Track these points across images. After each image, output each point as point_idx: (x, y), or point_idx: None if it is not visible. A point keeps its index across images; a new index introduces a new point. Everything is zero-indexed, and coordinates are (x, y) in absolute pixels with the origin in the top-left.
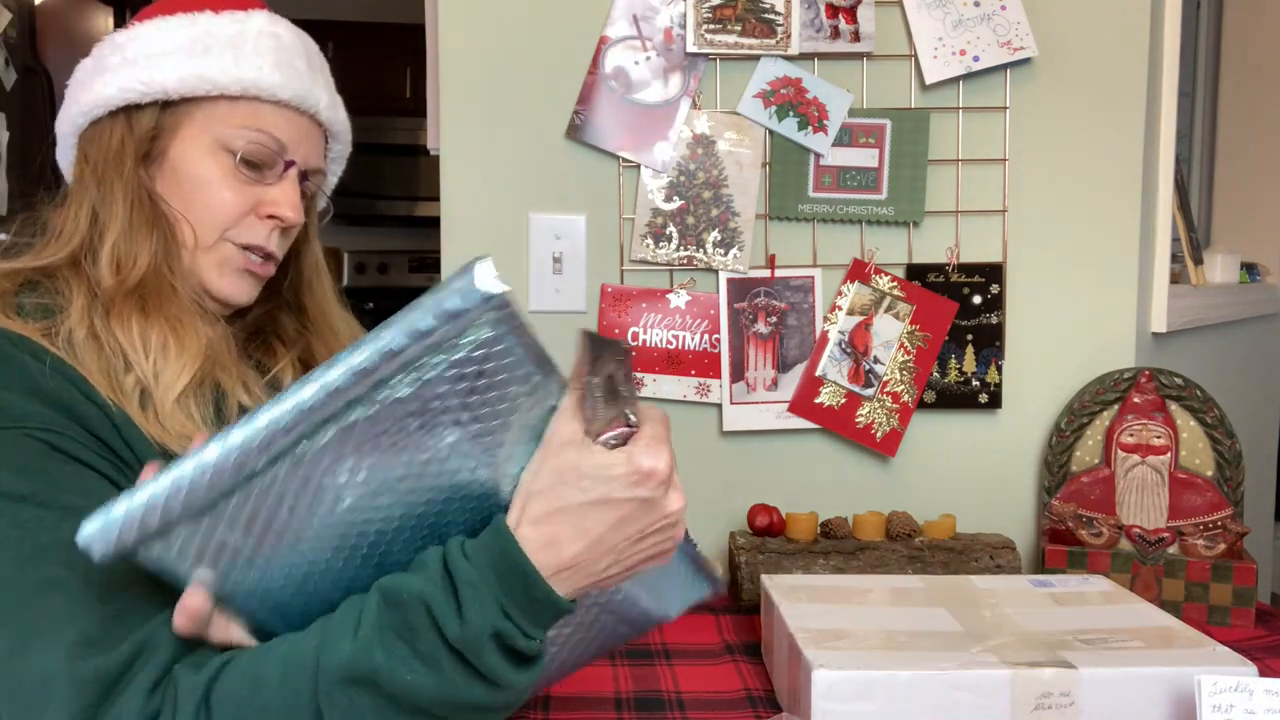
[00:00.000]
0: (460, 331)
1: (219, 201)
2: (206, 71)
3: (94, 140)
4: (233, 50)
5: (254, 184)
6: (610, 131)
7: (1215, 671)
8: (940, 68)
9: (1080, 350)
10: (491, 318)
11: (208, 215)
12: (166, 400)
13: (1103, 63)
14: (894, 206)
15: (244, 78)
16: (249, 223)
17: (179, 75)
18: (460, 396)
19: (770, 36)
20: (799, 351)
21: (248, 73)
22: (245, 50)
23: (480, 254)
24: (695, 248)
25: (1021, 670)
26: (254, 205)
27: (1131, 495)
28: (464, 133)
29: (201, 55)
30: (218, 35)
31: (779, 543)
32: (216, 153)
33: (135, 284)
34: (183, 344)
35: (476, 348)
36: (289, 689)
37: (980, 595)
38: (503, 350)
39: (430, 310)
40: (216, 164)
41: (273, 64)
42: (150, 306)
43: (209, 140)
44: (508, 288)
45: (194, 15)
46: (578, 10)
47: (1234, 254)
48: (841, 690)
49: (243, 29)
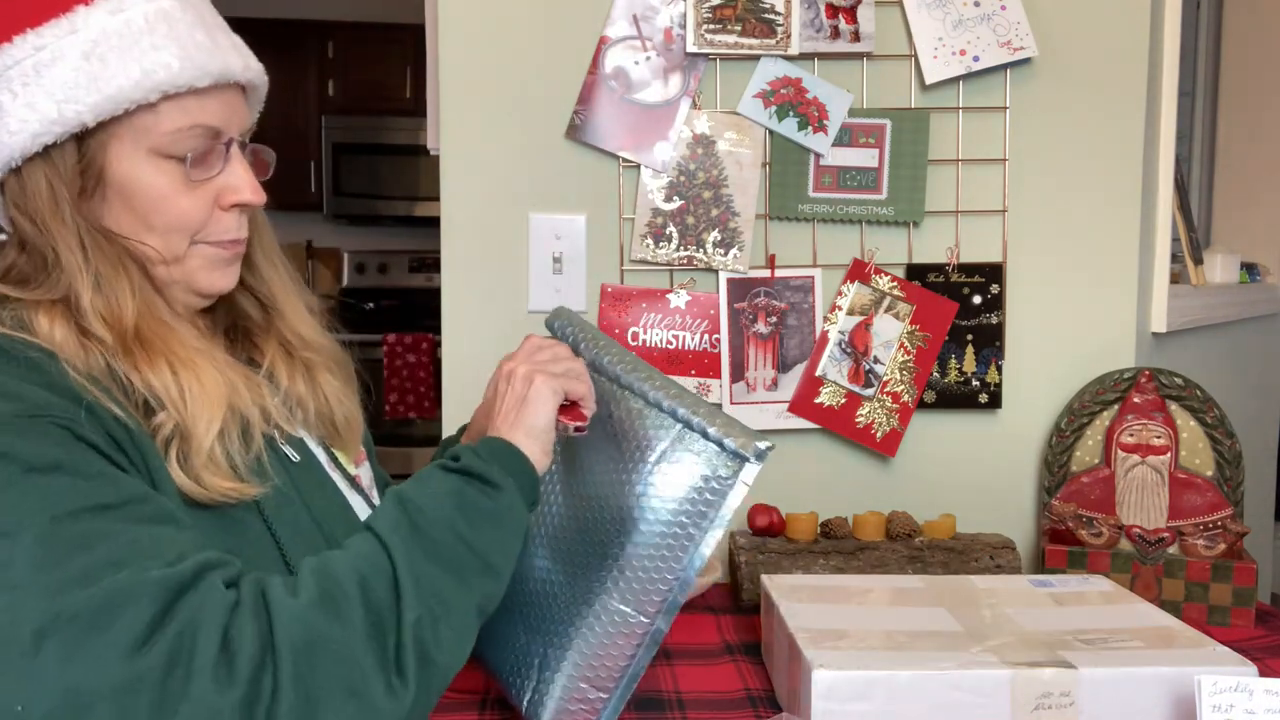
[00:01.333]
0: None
1: (179, 212)
2: (115, 90)
3: (18, 194)
4: (131, 52)
5: (205, 180)
6: (610, 131)
7: (1215, 671)
8: (940, 68)
9: (1080, 350)
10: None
11: (173, 229)
12: (200, 455)
13: (1103, 63)
14: (894, 206)
15: (157, 82)
16: (215, 218)
17: (89, 103)
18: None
19: (770, 36)
20: (799, 351)
21: (159, 75)
22: (143, 47)
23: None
24: (695, 248)
25: (1021, 670)
26: (214, 200)
27: (1131, 495)
28: (464, 133)
29: (100, 70)
30: (107, 37)
31: (779, 543)
32: (158, 162)
33: (133, 331)
34: (204, 386)
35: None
36: (360, 548)
37: (980, 595)
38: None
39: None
40: (163, 174)
41: (178, 52)
42: (154, 352)
43: (144, 153)
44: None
45: (68, 17)
46: (578, 10)
47: (1234, 254)
48: (841, 690)
49: (128, 19)
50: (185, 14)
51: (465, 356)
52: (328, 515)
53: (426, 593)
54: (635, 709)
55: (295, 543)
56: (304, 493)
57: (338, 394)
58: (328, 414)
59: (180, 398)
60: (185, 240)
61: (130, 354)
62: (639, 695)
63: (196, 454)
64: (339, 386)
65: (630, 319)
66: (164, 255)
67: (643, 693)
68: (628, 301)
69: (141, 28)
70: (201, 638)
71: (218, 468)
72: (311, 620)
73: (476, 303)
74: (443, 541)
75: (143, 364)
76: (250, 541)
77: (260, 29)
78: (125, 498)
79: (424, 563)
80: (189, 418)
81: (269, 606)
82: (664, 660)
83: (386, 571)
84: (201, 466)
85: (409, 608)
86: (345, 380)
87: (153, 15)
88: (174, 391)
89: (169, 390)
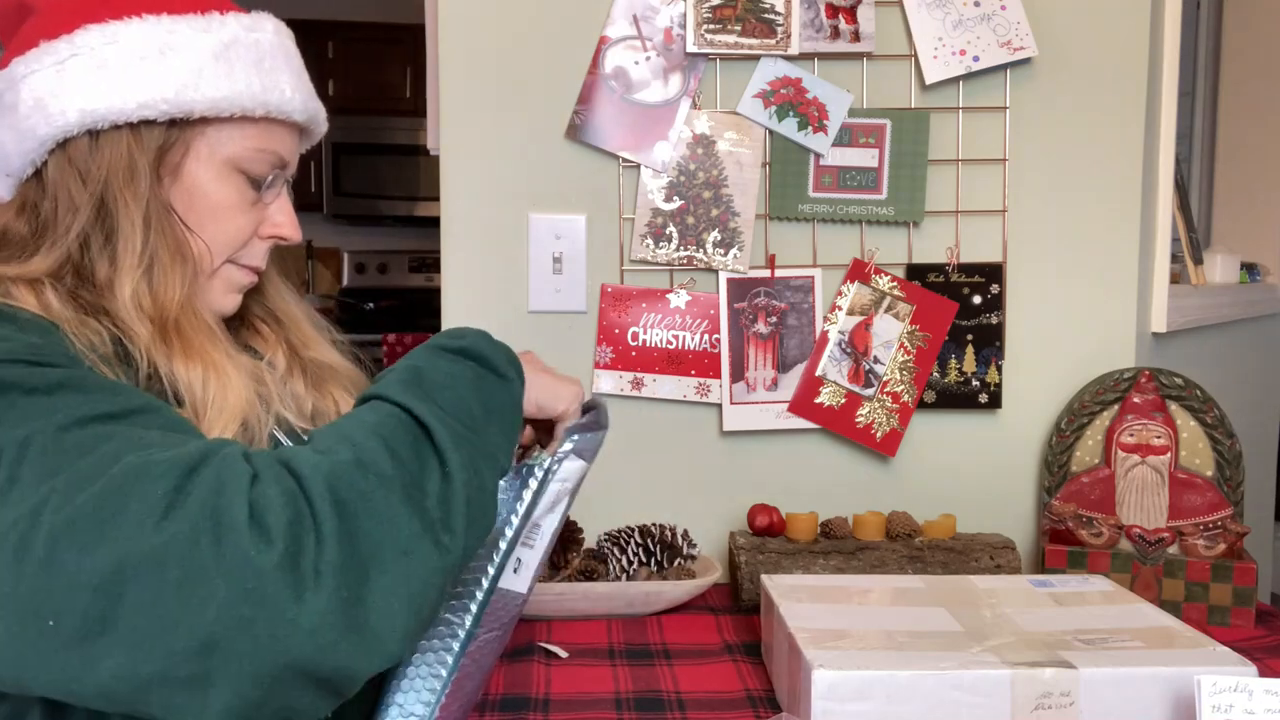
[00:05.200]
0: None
1: (234, 228)
2: (234, 93)
3: (86, 157)
4: (256, 67)
5: (258, 205)
6: (610, 131)
7: (1215, 671)
8: (940, 68)
9: (1080, 350)
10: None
11: (220, 241)
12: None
13: (1103, 63)
14: (894, 206)
15: (269, 101)
16: (252, 244)
17: (207, 97)
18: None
19: (770, 36)
20: (799, 351)
21: (272, 96)
22: (265, 66)
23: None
24: (695, 248)
25: (1021, 670)
26: (256, 226)
27: (1131, 495)
28: (464, 133)
29: (226, 71)
30: (238, 45)
31: (779, 543)
32: (230, 175)
33: (175, 322)
34: (225, 393)
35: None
36: (376, 411)
37: (980, 595)
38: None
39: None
40: (231, 187)
41: (292, 82)
42: (191, 348)
43: (220, 161)
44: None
45: (204, 17)
46: (578, 10)
47: (1234, 254)
48: (841, 690)
49: (259, 39)
50: (294, 54)
51: None
52: None
53: (461, 444)
54: (636, 709)
55: None
56: None
57: (340, 407)
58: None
59: (204, 399)
60: (224, 257)
61: (168, 343)
62: (639, 695)
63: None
64: (346, 401)
65: (630, 319)
66: (210, 261)
67: (643, 692)
68: (628, 301)
69: (268, 50)
70: (225, 503)
71: None
72: (347, 477)
73: (476, 303)
74: (458, 404)
75: (178, 356)
76: None
77: None
78: (133, 407)
79: (447, 419)
80: (206, 422)
81: (294, 470)
82: (664, 660)
83: (411, 428)
84: None
85: (449, 460)
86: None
87: (276, 45)
88: (198, 391)
89: (193, 388)
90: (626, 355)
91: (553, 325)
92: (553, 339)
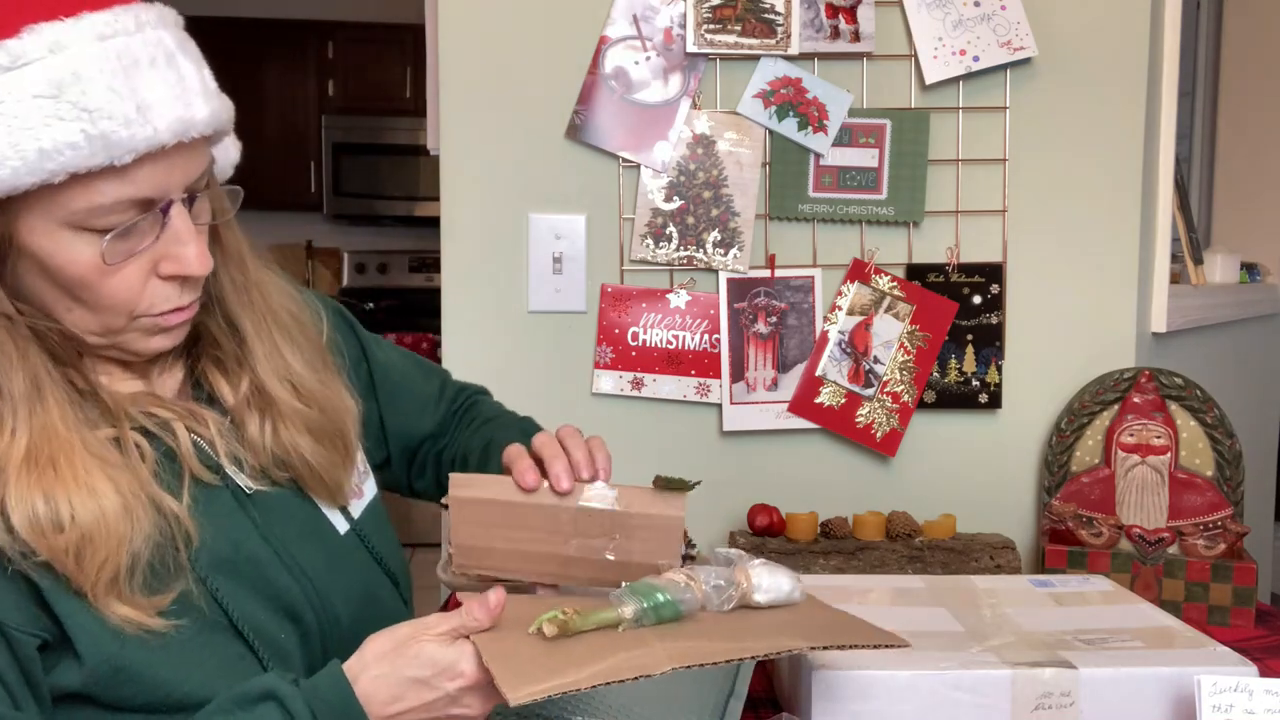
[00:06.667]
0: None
1: (111, 291)
2: (8, 173)
3: None
4: (27, 126)
5: (134, 253)
6: (610, 131)
7: (1215, 671)
8: (940, 68)
9: (1080, 350)
10: None
11: (106, 307)
12: (101, 602)
13: (1103, 63)
14: (894, 206)
15: (61, 164)
16: (152, 288)
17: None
18: None
19: (770, 36)
20: (799, 351)
21: (62, 156)
22: (43, 117)
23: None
24: (695, 248)
25: (1021, 670)
26: (150, 269)
27: (1131, 495)
28: (464, 133)
29: (17, 132)
30: (26, 90)
31: (779, 543)
32: (78, 235)
33: (26, 450)
34: (105, 526)
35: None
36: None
37: (980, 595)
38: None
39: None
40: (84, 248)
41: (89, 127)
42: (49, 479)
43: (56, 225)
44: None
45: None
46: (578, 10)
47: (1234, 254)
48: (841, 690)
49: (22, 80)
50: (104, 71)
51: (465, 356)
52: (288, 539)
53: None
54: None
55: (240, 592)
56: (259, 522)
57: (304, 456)
58: (294, 468)
59: (74, 542)
60: (123, 318)
61: (15, 481)
62: None
63: (100, 601)
64: (311, 450)
65: (630, 319)
66: (96, 329)
67: None
68: (628, 301)
69: (42, 91)
70: None
71: (129, 606)
72: None
73: (476, 303)
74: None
75: (33, 492)
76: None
77: (260, 29)
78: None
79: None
80: (78, 563)
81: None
82: None
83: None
84: (108, 613)
85: None
86: (328, 445)
87: (58, 78)
88: (66, 524)
89: (61, 523)
90: (626, 355)
91: (553, 325)
92: (553, 339)
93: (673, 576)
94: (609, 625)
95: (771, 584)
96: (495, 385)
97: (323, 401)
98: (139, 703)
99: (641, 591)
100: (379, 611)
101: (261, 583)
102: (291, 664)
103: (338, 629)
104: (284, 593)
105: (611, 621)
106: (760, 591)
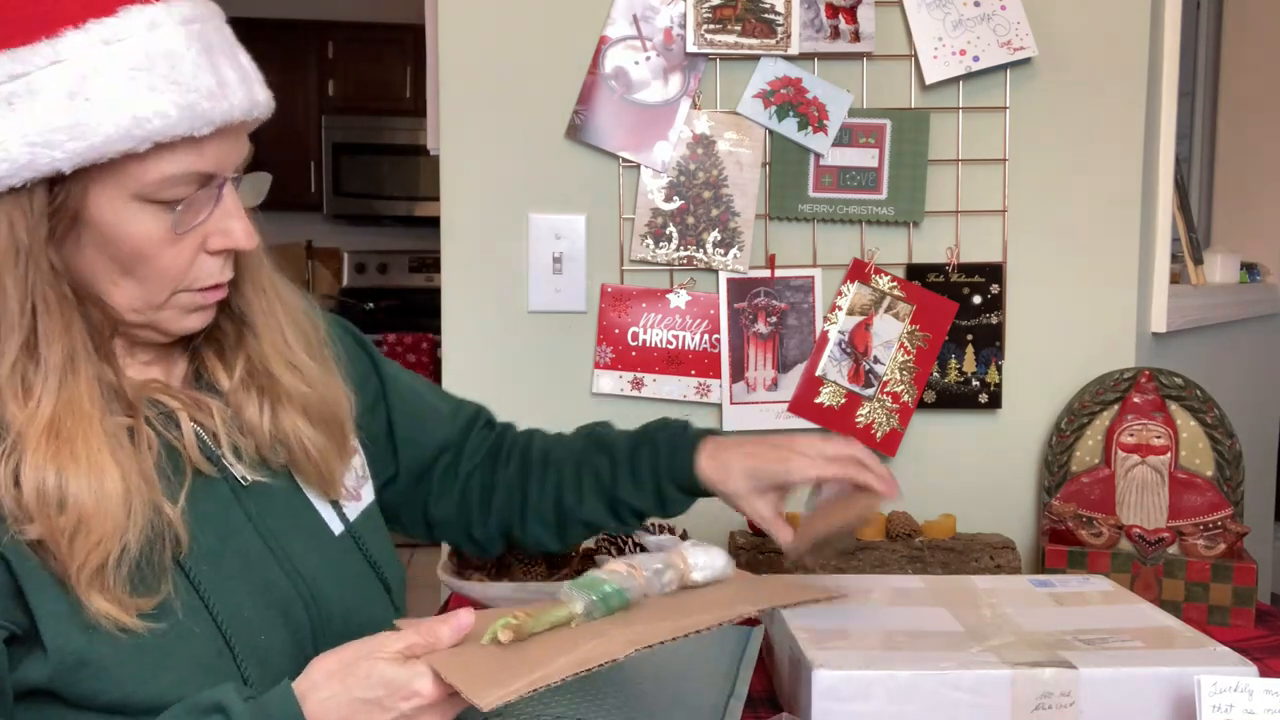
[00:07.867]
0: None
1: (165, 264)
2: (101, 139)
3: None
4: (124, 95)
5: (193, 226)
6: (610, 131)
7: (1215, 671)
8: (940, 68)
9: (1080, 350)
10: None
11: (154, 279)
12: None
13: (1103, 63)
14: (894, 206)
15: (149, 132)
16: (200, 263)
17: (68, 150)
18: None
19: (770, 36)
20: (799, 351)
21: (153, 124)
22: (138, 88)
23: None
24: (695, 248)
25: (1021, 670)
26: (200, 244)
27: (1131, 495)
28: (464, 133)
29: (86, 113)
30: (97, 73)
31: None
32: (143, 208)
33: (49, 419)
34: (104, 511)
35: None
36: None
37: (980, 595)
38: None
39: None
40: (148, 222)
41: (178, 99)
42: (64, 454)
43: (127, 197)
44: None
45: (51, 42)
46: (578, 10)
47: (1234, 254)
48: (841, 690)
49: (123, 52)
50: (191, 49)
51: (465, 356)
52: (281, 533)
53: None
54: None
55: (227, 585)
56: (253, 515)
57: (301, 439)
58: (290, 451)
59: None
60: (167, 291)
61: (35, 449)
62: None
63: (83, 590)
64: (309, 434)
65: (630, 319)
66: (139, 305)
67: None
68: (628, 301)
69: (139, 65)
70: None
71: (111, 601)
72: None
73: (476, 302)
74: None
75: (48, 464)
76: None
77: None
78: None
79: None
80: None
81: None
82: None
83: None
84: (90, 602)
85: None
86: (325, 431)
87: (154, 52)
88: (70, 507)
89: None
90: (626, 355)
91: (553, 325)
92: (553, 339)
93: (614, 567)
94: (562, 623)
95: (707, 561)
96: (495, 385)
97: (322, 387)
98: (103, 701)
99: (588, 585)
100: (370, 616)
101: (251, 576)
102: (270, 667)
103: (330, 629)
104: (274, 586)
105: (564, 619)
106: (697, 570)
